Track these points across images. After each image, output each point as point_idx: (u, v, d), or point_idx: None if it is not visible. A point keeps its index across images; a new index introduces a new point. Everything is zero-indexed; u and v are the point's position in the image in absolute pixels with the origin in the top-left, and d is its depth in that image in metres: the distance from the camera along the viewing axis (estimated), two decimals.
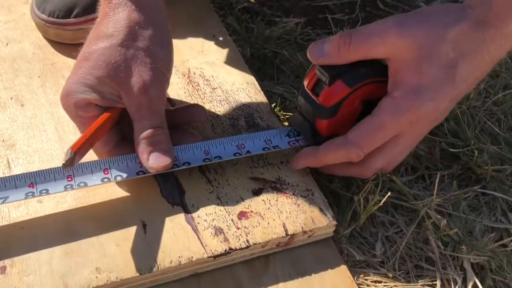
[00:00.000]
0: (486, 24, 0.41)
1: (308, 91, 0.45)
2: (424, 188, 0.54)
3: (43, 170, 0.42)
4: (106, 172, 0.43)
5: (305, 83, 0.46)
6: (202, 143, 0.46)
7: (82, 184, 0.42)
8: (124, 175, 0.43)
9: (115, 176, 0.43)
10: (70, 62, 0.57)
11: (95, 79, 0.41)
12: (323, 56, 0.43)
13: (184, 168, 0.45)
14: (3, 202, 0.40)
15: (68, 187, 0.42)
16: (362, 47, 0.42)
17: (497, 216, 0.53)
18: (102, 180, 0.42)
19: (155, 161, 0.42)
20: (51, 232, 0.42)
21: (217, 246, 0.42)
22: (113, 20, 0.42)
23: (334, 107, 0.44)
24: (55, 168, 0.42)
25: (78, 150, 0.39)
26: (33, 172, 0.42)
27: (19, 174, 0.41)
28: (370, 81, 0.44)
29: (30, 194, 0.41)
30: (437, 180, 0.50)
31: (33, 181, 0.41)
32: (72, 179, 0.42)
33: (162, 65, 0.43)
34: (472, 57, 0.42)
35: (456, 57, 0.41)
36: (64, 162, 0.38)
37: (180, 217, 0.44)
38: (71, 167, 0.39)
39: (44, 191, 0.41)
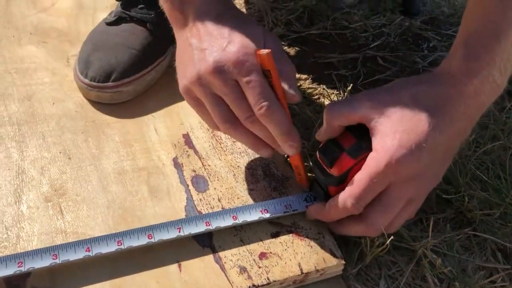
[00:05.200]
0: (458, 83, 0.48)
1: (320, 162, 0.52)
2: (422, 230, 0.60)
3: (97, 237, 0.49)
4: (150, 237, 0.50)
5: (318, 154, 0.53)
6: (230, 210, 0.53)
7: (130, 247, 0.49)
8: (164, 238, 0.50)
9: (158, 240, 0.50)
10: (108, 119, 0.65)
11: None
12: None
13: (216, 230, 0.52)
14: (64, 263, 0.47)
15: (118, 250, 0.49)
16: (344, 110, 0.50)
17: (487, 256, 0.59)
18: (146, 243, 0.50)
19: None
20: (100, 269, 0.48)
21: (242, 283, 0.49)
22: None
23: (342, 176, 0.51)
24: (108, 235, 0.49)
25: None
26: (89, 238, 0.49)
27: (77, 241, 0.48)
28: (370, 151, 0.50)
29: (87, 256, 0.48)
30: (431, 223, 0.57)
31: (89, 245, 0.48)
32: (121, 244, 0.49)
33: None
34: (444, 112, 0.48)
35: (426, 110, 0.47)
36: None
37: (210, 257, 0.51)
38: None
39: (98, 253, 0.48)
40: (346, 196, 0.49)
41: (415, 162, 0.47)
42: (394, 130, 0.47)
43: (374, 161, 0.48)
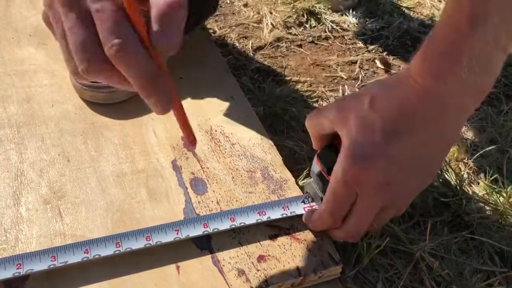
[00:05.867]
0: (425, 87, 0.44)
1: (319, 167, 0.53)
2: (419, 233, 0.61)
3: (95, 238, 0.49)
4: (148, 239, 0.50)
5: (316, 159, 0.53)
6: (228, 211, 0.54)
7: (128, 249, 0.49)
8: (163, 240, 0.50)
9: (156, 242, 0.50)
10: (108, 122, 0.65)
11: None
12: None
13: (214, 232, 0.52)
14: (63, 265, 0.47)
15: (116, 251, 0.49)
16: (316, 118, 0.51)
17: (484, 259, 0.59)
18: (144, 245, 0.50)
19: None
20: (98, 271, 0.48)
21: (240, 285, 0.49)
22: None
23: None
24: (106, 236, 0.50)
25: None
26: (88, 240, 0.49)
27: (76, 243, 0.49)
28: None
29: (86, 258, 0.48)
30: (429, 226, 0.57)
31: (87, 247, 0.49)
32: (120, 246, 0.49)
33: None
34: (402, 119, 0.45)
35: (382, 117, 0.45)
36: None
37: (208, 259, 0.51)
38: None
39: (97, 255, 0.48)
40: (322, 211, 0.51)
41: (372, 171, 0.45)
42: (351, 140, 0.46)
43: (334, 175, 0.48)
